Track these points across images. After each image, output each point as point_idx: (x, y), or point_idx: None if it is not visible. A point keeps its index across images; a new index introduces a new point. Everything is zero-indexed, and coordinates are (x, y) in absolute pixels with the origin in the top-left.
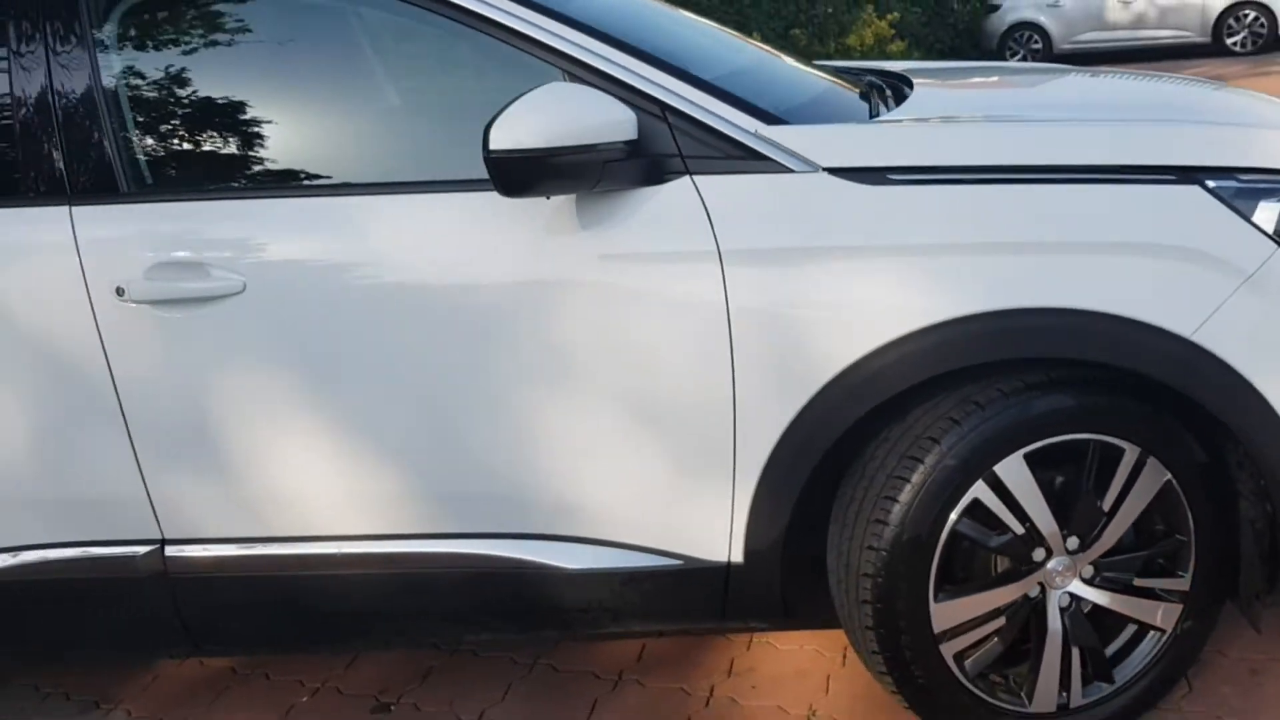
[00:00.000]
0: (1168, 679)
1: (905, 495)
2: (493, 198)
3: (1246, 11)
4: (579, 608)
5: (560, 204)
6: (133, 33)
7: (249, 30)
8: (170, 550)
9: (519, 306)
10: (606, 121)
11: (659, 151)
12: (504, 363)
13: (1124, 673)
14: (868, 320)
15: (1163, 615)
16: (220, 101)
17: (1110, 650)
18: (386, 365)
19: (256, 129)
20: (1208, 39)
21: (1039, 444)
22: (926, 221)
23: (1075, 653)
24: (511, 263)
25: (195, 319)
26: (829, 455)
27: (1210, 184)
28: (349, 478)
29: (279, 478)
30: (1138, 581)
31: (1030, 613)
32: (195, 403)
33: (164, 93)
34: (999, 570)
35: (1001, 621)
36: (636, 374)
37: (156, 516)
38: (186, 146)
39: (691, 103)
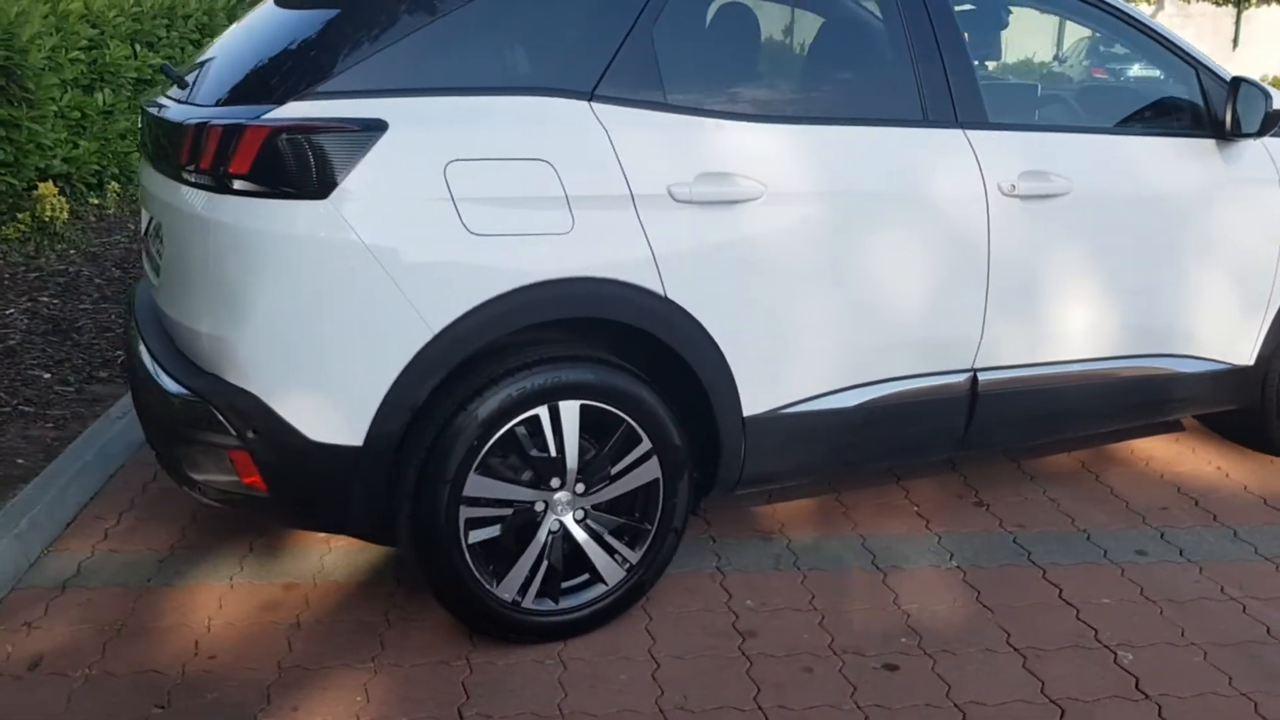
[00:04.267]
0: None
1: None
2: (1180, 142)
3: None
4: (1181, 398)
5: (1209, 148)
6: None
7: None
8: (981, 376)
9: (1189, 207)
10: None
11: None
12: (1176, 242)
13: None
14: None
15: None
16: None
17: None
18: (1125, 244)
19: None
20: None
21: None
22: None
23: None
24: (1188, 181)
25: (1045, 208)
26: None
27: None
28: (1083, 318)
29: (1054, 318)
30: None
31: None
32: (1034, 268)
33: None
34: None
35: None
36: (1231, 249)
37: (978, 352)
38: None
39: None
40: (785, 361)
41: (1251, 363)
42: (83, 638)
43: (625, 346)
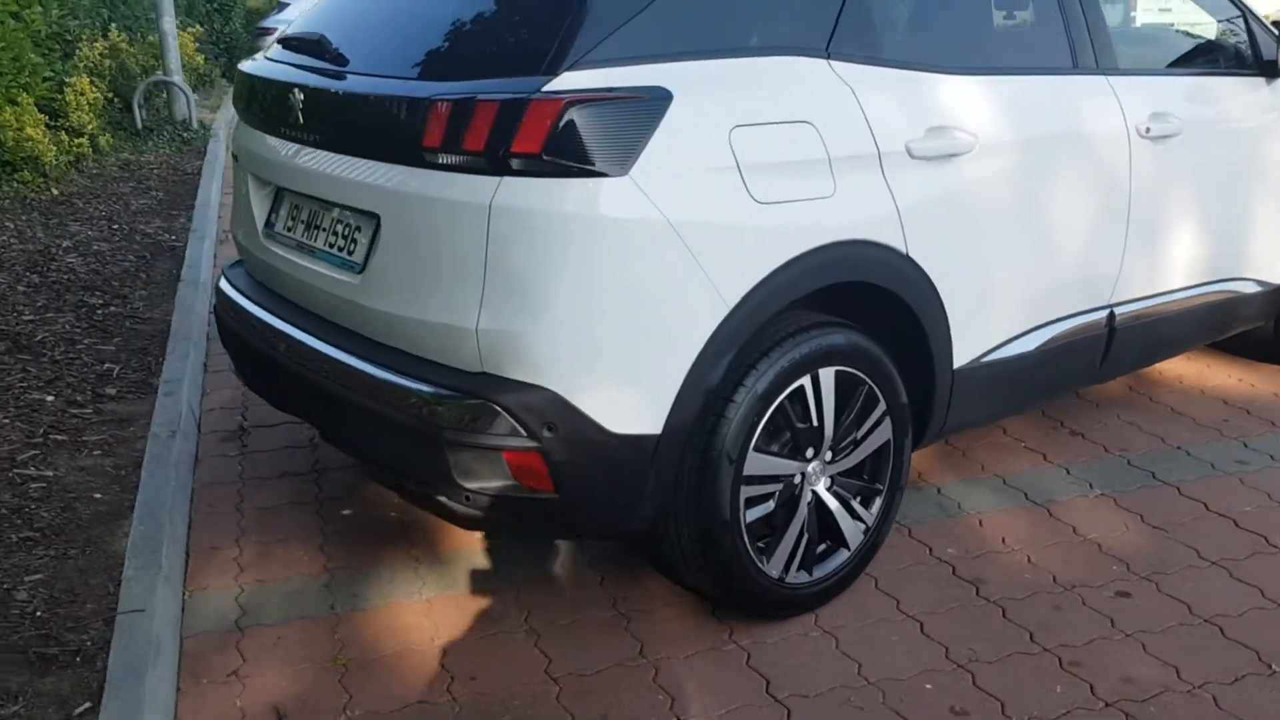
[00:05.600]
0: None
1: None
2: (1241, 81)
3: None
4: (1240, 318)
5: (1260, 85)
6: None
7: None
8: (1117, 310)
9: (1253, 140)
10: None
11: None
12: (1243, 174)
13: None
14: None
15: None
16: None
17: None
18: (1214, 178)
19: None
20: None
21: None
22: None
23: None
24: (1251, 116)
25: (1165, 147)
26: None
27: None
28: (1185, 249)
29: (1167, 251)
30: None
31: None
32: (1158, 204)
33: None
34: None
35: None
36: (1275, 175)
37: (1115, 288)
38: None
39: None
40: (986, 311)
41: None
42: (309, 679)
43: (838, 308)
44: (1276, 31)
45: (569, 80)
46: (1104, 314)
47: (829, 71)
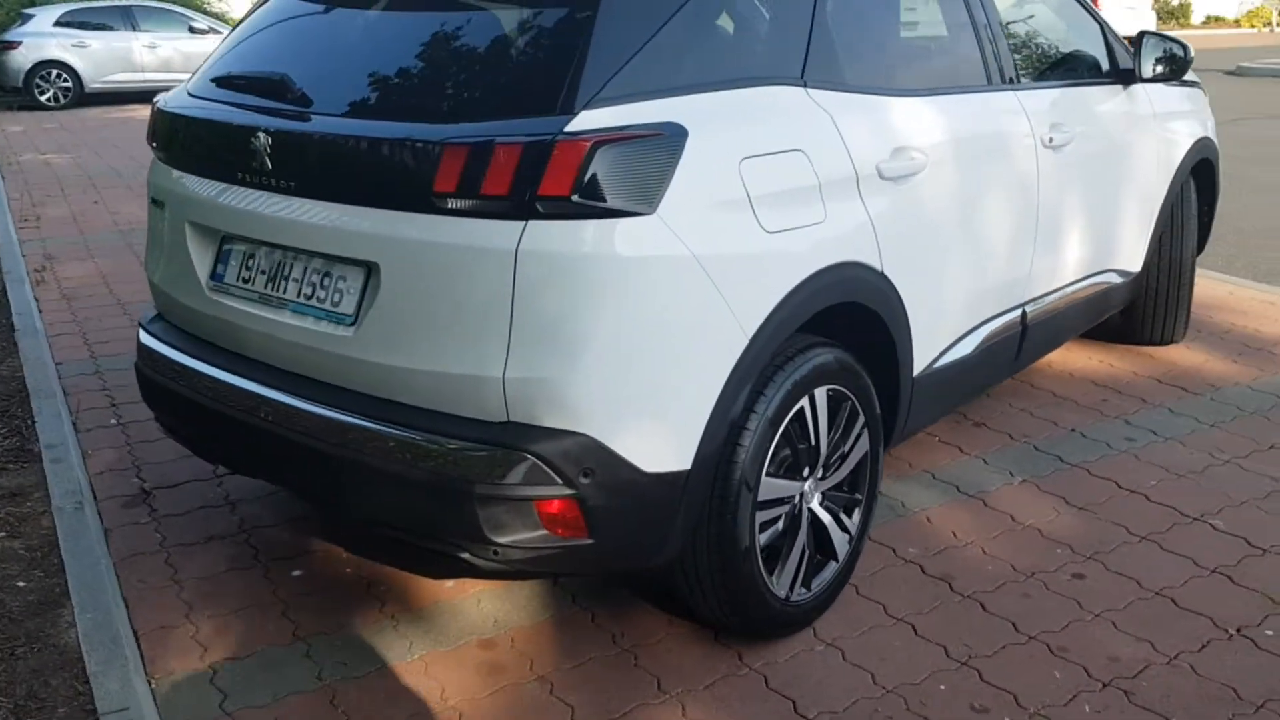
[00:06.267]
0: None
1: None
2: (1105, 88)
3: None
4: (1111, 305)
5: (1119, 91)
6: None
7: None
8: (1028, 309)
9: (1121, 143)
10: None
11: None
12: (1115, 174)
13: None
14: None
15: None
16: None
17: None
18: (1096, 181)
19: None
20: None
21: None
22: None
23: None
24: (1119, 121)
25: (1061, 155)
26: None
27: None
28: (1075, 248)
29: (1062, 251)
30: None
31: None
32: (1056, 208)
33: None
34: None
35: None
36: (1138, 174)
37: (1026, 287)
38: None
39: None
40: (939, 319)
41: (1140, 269)
42: None
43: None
44: (1136, 40)
45: (588, 120)
46: (1019, 312)
47: (808, 99)
